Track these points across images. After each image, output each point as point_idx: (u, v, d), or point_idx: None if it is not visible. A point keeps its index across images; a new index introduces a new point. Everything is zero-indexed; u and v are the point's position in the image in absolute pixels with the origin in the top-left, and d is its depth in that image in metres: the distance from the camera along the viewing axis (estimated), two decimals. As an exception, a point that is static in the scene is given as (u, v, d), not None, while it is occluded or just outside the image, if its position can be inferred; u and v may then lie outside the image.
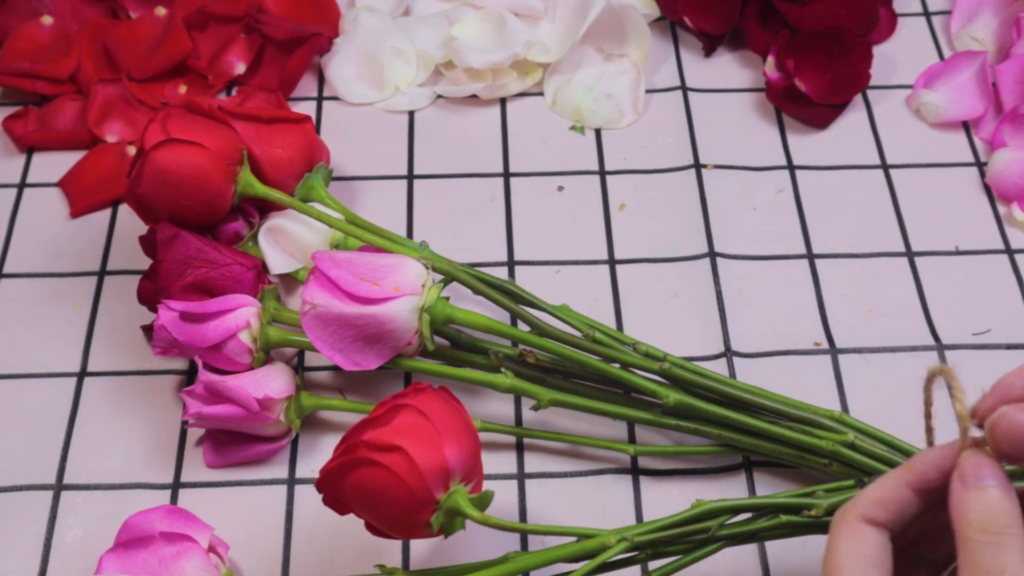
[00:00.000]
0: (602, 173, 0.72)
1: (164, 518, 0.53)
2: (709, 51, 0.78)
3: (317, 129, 0.74)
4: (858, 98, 0.76)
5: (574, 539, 0.50)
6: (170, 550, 0.51)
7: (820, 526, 0.52)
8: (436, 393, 0.50)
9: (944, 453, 0.41)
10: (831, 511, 0.51)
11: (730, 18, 0.77)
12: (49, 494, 0.58)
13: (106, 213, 0.70)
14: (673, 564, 0.51)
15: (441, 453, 0.48)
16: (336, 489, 0.49)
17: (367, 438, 0.48)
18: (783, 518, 0.51)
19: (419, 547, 0.57)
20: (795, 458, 0.57)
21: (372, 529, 0.51)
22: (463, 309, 0.58)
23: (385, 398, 0.49)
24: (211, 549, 0.53)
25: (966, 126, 0.74)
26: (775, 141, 0.74)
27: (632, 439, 0.60)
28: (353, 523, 0.51)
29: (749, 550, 0.56)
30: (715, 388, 0.57)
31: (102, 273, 0.67)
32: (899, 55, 0.78)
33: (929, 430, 0.44)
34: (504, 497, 0.58)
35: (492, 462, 0.59)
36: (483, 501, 0.50)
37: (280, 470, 0.59)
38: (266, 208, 0.64)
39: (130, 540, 0.52)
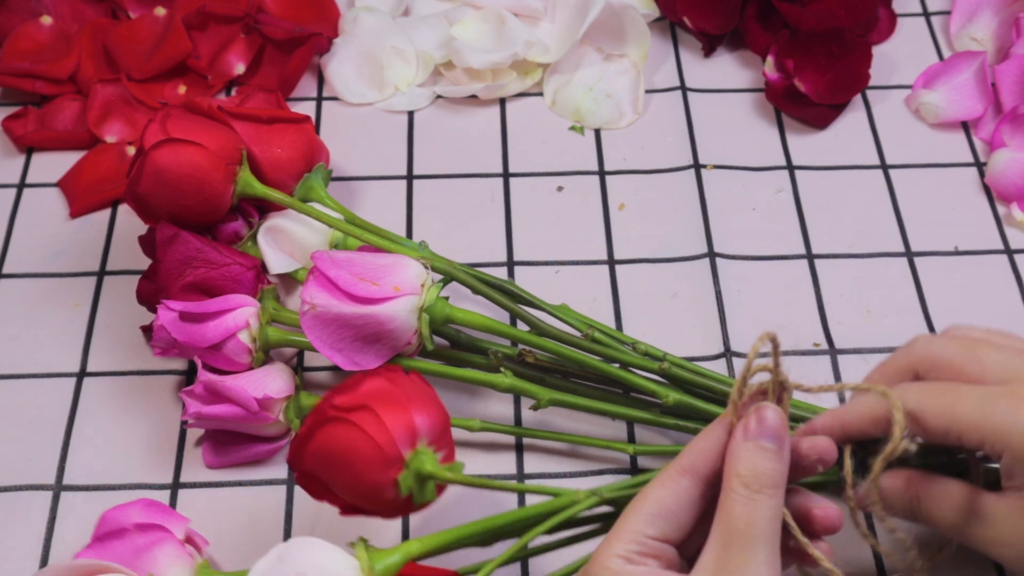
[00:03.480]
0: (602, 173, 0.72)
1: (141, 511, 0.53)
2: (709, 51, 0.78)
3: (317, 129, 0.74)
4: (858, 98, 0.76)
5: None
6: (143, 540, 0.51)
7: None
8: (406, 375, 0.50)
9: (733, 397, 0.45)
10: None
11: (730, 18, 0.77)
12: (49, 494, 0.58)
13: (106, 213, 0.70)
14: None
15: (408, 414, 0.48)
16: (305, 457, 0.49)
17: (336, 402, 0.48)
18: None
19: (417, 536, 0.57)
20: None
21: (346, 508, 0.50)
22: (462, 309, 0.58)
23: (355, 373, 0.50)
24: (188, 541, 0.52)
25: (965, 126, 0.74)
26: (775, 141, 0.74)
27: (632, 439, 0.60)
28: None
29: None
30: (715, 388, 0.57)
31: (102, 273, 0.67)
32: (899, 55, 0.78)
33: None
34: (504, 497, 0.58)
35: (492, 462, 0.59)
36: (453, 471, 0.49)
37: (280, 470, 0.59)
38: (265, 208, 0.64)
39: (105, 534, 0.52)
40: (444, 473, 0.48)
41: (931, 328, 0.64)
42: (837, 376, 0.62)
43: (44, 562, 0.56)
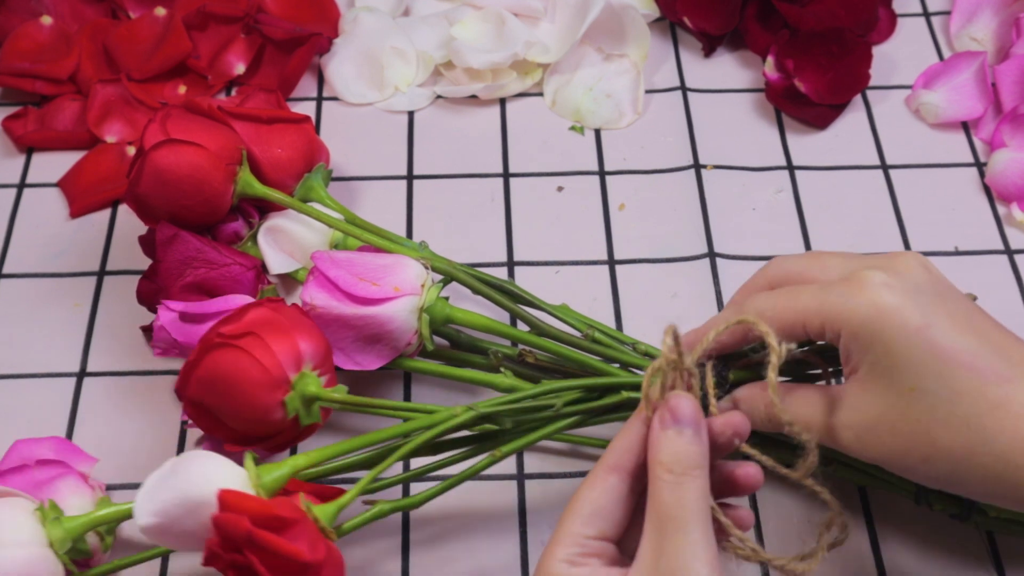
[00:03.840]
0: (602, 173, 0.72)
1: (52, 448, 0.55)
2: (709, 51, 0.78)
3: (317, 129, 0.74)
4: (858, 98, 0.76)
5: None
6: (44, 475, 0.52)
7: None
8: (289, 306, 0.53)
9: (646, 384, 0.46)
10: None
11: (730, 18, 0.77)
12: (49, 494, 0.58)
13: (106, 213, 0.70)
14: (525, 439, 0.53)
15: (293, 339, 0.50)
16: (192, 384, 0.51)
17: (222, 331, 0.50)
18: (625, 394, 0.54)
19: (417, 536, 0.57)
20: (795, 458, 0.56)
21: (232, 439, 0.52)
22: (463, 309, 0.58)
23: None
24: (89, 479, 0.54)
25: (966, 126, 0.74)
26: (775, 141, 0.74)
27: (632, 439, 0.60)
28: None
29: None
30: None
31: (102, 273, 0.67)
32: (899, 55, 0.78)
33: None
34: (504, 497, 0.58)
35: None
36: (337, 393, 0.52)
37: (280, 470, 0.59)
38: (265, 208, 0.64)
39: (7, 470, 0.53)
40: (328, 394, 0.51)
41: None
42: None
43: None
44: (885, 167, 0.72)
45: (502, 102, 0.76)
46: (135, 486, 0.58)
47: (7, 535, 0.49)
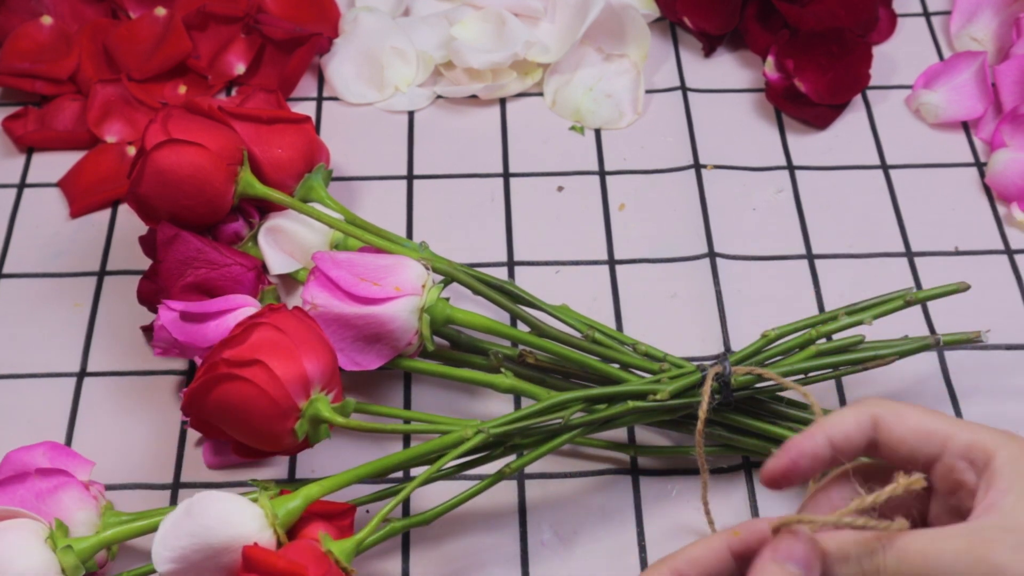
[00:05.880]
0: (602, 173, 0.72)
1: (46, 454, 0.54)
2: (709, 51, 0.78)
3: (317, 129, 0.74)
4: (858, 98, 0.76)
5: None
6: (46, 485, 0.51)
7: (665, 410, 0.54)
8: (291, 312, 0.52)
9: (771, 525, 0.41)
10: (675, 395, 0.54)
11: (730, 18, 0.77)
12: (49, 494, 0.58)
13: (106, 213, 0.70)
14: (533, 454, 0.54)
15: (299, 363, 0.50)
16: (201, 410, 0.51)
17: (226, 356, 0.49)
18: (631, 404, 0.53)
19: (417, 536, 0.57)
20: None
21: (241, 451, 0.53)
22: (463, 310, 0.58)
23: (241, 319, 0.52)
24: (91, 484, 0.53)
25: (966, 126, 0.74)
26: (775, 141, 0.74)
27: (632, 439, 0.60)
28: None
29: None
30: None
31: (102, 273, 0.67)
32: (899, 55, 0.78)
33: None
34: (504, 497, 0.58)
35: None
36: (344, 409, 0.52)
37: (280, 470, 0.59)
38: (266, 208, 0.64)
39: (6, 479, 0.52)
40: (337, 419, 0.51)
41: (931, 328, 0.64)
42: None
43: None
44: (885, 167, 0.72)
45: (502, 102, 0.76)
46: (135, 486, 0.59)
47: (19, 566, 0.48)
